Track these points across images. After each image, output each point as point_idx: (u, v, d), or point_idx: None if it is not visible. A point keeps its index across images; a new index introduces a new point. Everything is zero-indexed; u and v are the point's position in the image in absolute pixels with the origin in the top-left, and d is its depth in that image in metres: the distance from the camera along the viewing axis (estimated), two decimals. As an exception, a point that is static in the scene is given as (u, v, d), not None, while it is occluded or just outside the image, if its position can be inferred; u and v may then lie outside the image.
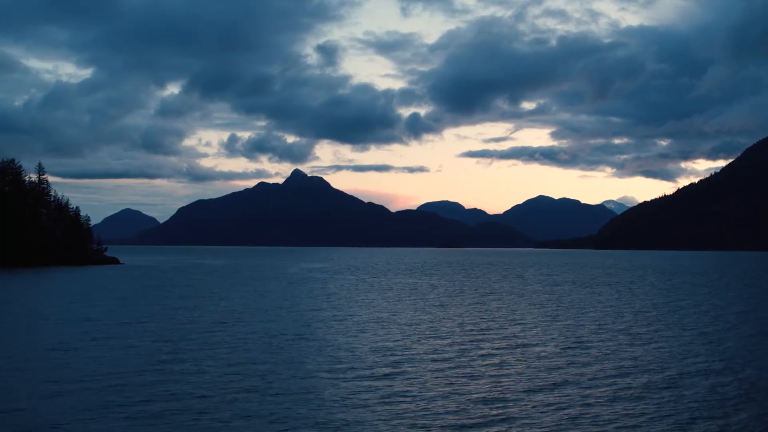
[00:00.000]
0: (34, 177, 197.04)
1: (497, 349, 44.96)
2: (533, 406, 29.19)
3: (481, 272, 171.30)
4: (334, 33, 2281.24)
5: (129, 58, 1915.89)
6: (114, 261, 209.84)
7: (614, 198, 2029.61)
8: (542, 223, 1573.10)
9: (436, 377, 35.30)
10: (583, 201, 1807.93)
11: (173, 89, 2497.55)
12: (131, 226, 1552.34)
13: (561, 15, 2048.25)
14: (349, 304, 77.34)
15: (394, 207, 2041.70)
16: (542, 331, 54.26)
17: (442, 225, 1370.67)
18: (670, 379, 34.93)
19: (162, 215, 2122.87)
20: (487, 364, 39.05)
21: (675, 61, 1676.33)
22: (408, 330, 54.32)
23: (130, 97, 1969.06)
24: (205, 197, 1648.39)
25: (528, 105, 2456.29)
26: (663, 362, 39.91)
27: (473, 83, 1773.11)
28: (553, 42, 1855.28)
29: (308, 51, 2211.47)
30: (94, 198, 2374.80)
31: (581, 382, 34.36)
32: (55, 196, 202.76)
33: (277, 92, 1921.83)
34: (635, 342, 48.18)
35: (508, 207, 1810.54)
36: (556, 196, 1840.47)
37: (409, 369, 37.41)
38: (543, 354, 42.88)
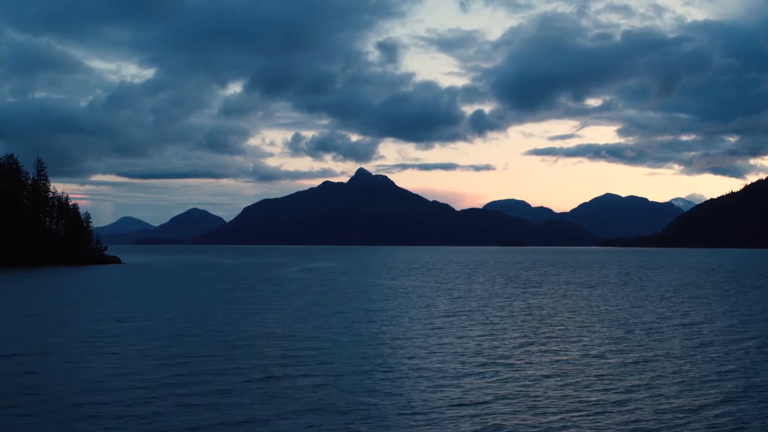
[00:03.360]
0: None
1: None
2: None
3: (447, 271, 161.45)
4: (396, 30, 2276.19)
5: (190, 57, 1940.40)
6: (115, 260, 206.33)
7: (682, 195, 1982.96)
8: (610, 221, 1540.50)
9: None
10: (651, 199, 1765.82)
11: (235, 88, 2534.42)
12: (198, 225, 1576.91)
13: (625, 10, 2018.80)
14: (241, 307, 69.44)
15: (460, 206, 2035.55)
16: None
17: (508, 223, 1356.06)
18: None
19: (228, 215, 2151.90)
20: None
21: (742, 55, 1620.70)
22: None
23: (192, 97, 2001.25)
24: (271, 197, 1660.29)
25: (593, 101, 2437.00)
26: None
27: (537, 79, 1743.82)
28: (618, 37, 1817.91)
29: (369, 48, 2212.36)
30: (163, 198, 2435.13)
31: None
32: (54, 194, 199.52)
33: (338, 90, 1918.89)
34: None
35: (575, 205, 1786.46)
36: (624, 194, 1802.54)
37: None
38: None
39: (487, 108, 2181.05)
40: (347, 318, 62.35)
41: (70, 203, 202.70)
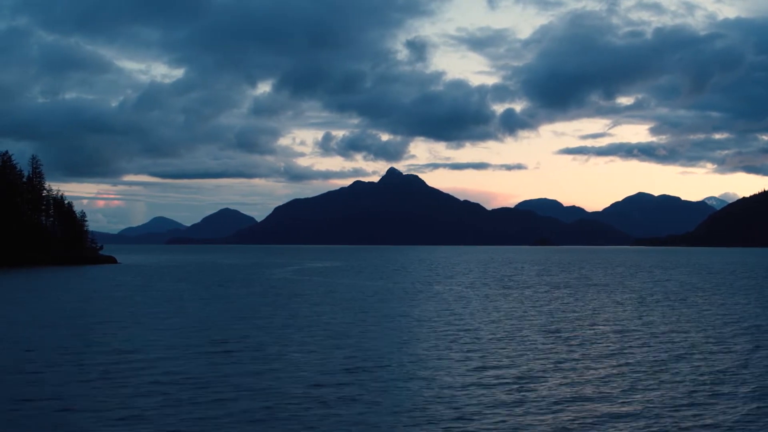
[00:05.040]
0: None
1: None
2: None
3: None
4: (425, 29, 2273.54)
5: (219, 57, 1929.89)
6: (111, 260, 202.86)
7: (716, 194, 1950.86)
8: (642, 220, 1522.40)
9: None
10: (683, 198, 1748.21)
11: (264, 88, 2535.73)
12: (230, 225, 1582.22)
13: (656, 8, 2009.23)
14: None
15: (491, 205, 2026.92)
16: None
17: (539, 223, 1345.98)
18: None
19: (260, 214, 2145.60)
20: None
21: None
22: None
23: (222, 97, 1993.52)
24: (303, 196, 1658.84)
25: (625, 100, 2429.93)
26: None
27: (568, 78, 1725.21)
28: (649, 35, 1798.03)
29: (399, 47, 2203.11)
30: (195, 198, 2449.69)
31: None
32: (48, 191, 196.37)
33: (368, 89, 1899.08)
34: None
35: (607, 204, 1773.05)
36: (656, 193, 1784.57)
37: None
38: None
39: (518, 107, 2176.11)
40: (266, 323, 57.03)
41: (66, 201, 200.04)
